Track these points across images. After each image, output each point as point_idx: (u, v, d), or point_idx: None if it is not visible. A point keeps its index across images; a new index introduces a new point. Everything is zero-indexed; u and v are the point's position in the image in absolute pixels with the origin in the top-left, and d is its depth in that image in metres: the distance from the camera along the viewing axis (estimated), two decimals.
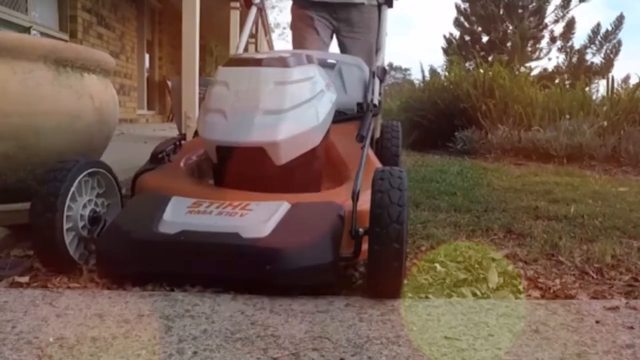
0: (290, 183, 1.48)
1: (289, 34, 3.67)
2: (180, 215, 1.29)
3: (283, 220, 1.26)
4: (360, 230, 1.22)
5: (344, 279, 1.38)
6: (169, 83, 8.48)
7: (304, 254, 1.21)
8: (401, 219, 1.16)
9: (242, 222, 1.26)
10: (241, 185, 1.44)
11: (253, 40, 13.11)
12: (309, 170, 1.54)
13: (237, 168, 1.47)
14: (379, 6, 2.48)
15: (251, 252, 1.21)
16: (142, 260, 1.23)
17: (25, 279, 1.26)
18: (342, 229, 1.27)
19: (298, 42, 2.85)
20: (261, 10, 2.99)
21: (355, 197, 1.29)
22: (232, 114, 1.42)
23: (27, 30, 5.56)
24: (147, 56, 10.52)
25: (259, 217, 1.27)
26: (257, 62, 1.50)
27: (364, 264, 1.32)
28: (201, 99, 4.95)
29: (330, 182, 1.60)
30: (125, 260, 1.24)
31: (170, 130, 6.75)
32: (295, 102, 1.45)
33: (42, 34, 5.79)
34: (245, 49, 2.52)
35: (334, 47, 2.92)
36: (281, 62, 1.49)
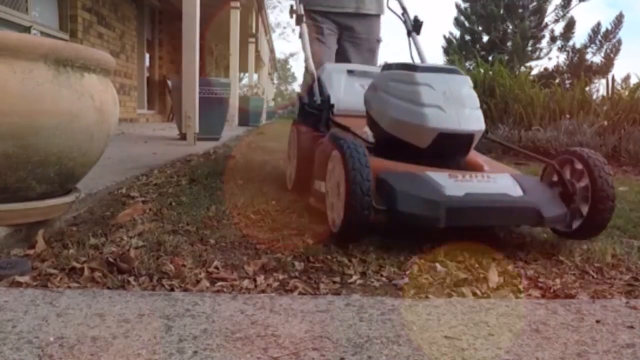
0: (469, 162, 1.99)
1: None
2: (452, 183, 1.68)
3: (520, 184, 1.73)
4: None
5: (344, 278, 1.38)
6: (169, 82, 8.49)
7: (553, 207, 1.71)
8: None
9: (502, 186, 1.72)
10: (443, 163, 1.85)
11: (253, 40, 13.13)
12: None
13: (449, 150, 1.91)
14: (410, 32, 2.88)
15: (521, 206, 1.68)
16: (451, 217, 1.60)
17: (25, 279, 1.26)
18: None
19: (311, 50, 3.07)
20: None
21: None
22: (448, 108, 1.83)
23: (27, 29, 5.56)
24: (147, 56, 10.52)
25: (506, 183, 1.74)
26: (453, 71, 1.97)
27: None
28: (201, 99, 4.96)
29: None
30: (432, 218, 1.61)
31: (170, 130, 6.75)
32: (479, 102, 1.95)
33: (43, 33, 5.79)
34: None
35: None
36: (460, 72, 1.99)
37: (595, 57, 10.87)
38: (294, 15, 2.79)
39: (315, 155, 2.17)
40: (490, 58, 10.02)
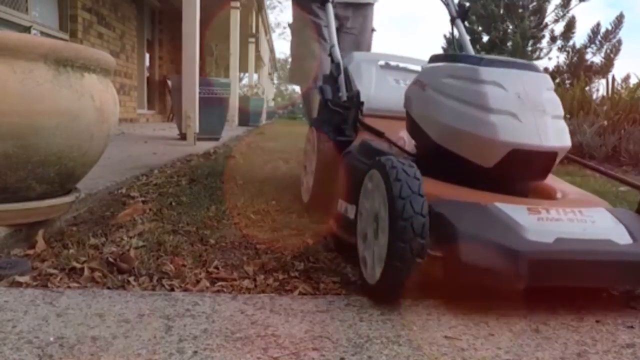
0: (541, 187, 1.51)
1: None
2: (535, 222, 1.23)
3: (625, 226, 1.27)
4: None
5: (344, 278, 1.38)
6: (169, 82, 8.48)
7: None
8: None
9: (603, 229, 1.25)
10: (510, 188, 1.40)
11: (253, 40, 13.14)
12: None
13: (521, 172, 1.43)
14: (454, 18, 2.57)
15: (631, 259, 1.21)
16: (536, 274, 1.16)
17: (25, 279, 1.26)
18: None
19: (300, 42, 3.02)
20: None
21: None
22: (524, 117, 1.37)
23: (27, 29, 5.56)
24: (147, 56, 10.52)
25: (608, 223, 1.28)
26: (528, 66, 1.50)
27: None
28: (201, 99, 4.96)
29: None
30: (508, 274, 1.15)
31: (170, 130, 6.75)
32: (561, 109, 1.50)
33: (43, 33, 5.79)
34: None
35: None
36: (537, 68, 1.52)
37: (595, 57, 10.87)
38: None
39: (341, 168, 1.73)
40: None
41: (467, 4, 2.54)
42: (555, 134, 1.41)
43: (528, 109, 1.39)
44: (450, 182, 1.40)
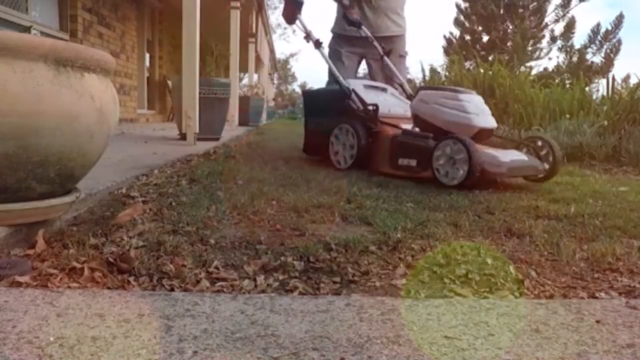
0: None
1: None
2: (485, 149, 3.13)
3: (526, 155, 3.37)
4: None
5: (344, 278, 1.38)
6: (169, 82, 8.48)
7: None
8: None
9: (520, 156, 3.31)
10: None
11: (253, 40, 13.13)
12: None
13: (481, 138, 3.20)
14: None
15: (536, 165, 3.28)
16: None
17: (25, 279, 1.26)
18: None
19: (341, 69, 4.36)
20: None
21: None
22: (482, 114, 3.29)
23: (27, 29, 5.56)
24: (147, 56, 10.52)
25: (521, 156, 3.34)
26: (474, 92, 3.52)
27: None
28: (201, 99, 4.96)
29: None
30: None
31: (170, 130, 6.75)
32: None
33: (43, 33, 5.79)
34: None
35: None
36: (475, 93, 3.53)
37: (595, 57, 10.88)
38: None
39: (400, 142, 3.50)
40: (490, 58, 10.02)
41: (387, 48, 4.37)
42: (492, 122, 3.33)
43: (480, 111, 3.28)
44: None
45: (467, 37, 12.36)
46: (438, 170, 3.03)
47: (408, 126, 3.52)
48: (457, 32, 12.52)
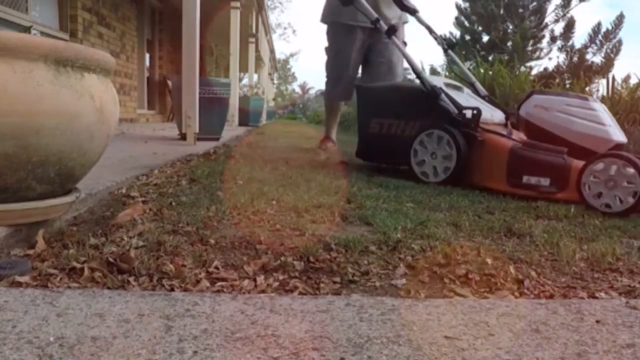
0: None
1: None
2: None
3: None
4: None
5: (344, 278, 1.38)
6: (169, 82, 8.47)
7: None
8: None
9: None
10: None
11: (253, 40, 13.13)
12: None
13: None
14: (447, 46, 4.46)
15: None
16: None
17: (25, 279, 1.26)
18: None
19: (340, 61, 4.16)
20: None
21: None
22: (611, 124, 2.96)
23: (27, 29, 5.57)
24: (147, 56, 10.52)
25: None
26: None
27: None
28: (201, 99, 4.96)
29: None
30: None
31: (170, 130, 6.75)
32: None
33: (43, 33, 5.80)
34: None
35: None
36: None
37: (595, 57, 10.86)
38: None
39: (531, 153, 3.00)
40: (490, 58, 10.02)
41: (454, 40, 3.96)
42: (624, 135, 2.93)
43: (614, 122, 2.93)
44: None
45: (467, 37, 12.36)
46: (593, 195, 2.51)
47: (514, 135, 3.12)
48: (457, 32, 12.53)
